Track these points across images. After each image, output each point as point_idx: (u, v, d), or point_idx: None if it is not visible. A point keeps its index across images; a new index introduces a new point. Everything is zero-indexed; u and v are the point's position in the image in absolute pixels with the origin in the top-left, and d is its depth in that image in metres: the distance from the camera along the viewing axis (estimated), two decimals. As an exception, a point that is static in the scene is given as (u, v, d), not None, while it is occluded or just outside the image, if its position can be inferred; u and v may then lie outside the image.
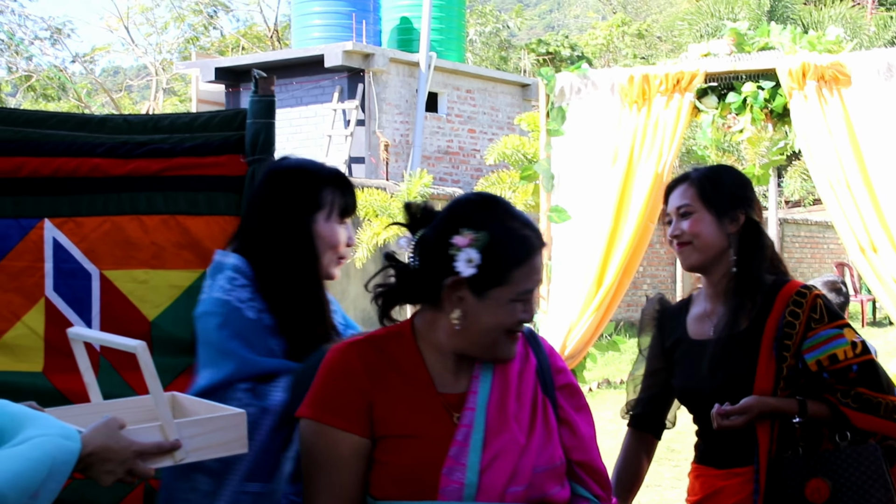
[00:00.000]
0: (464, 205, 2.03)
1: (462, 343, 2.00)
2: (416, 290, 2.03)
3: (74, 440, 1.80)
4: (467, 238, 1.94)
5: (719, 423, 2.61)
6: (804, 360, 2.63)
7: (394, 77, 17.07)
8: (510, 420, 2.00)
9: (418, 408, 1.99)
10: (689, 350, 2.81)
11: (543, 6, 70.64)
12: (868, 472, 2.55)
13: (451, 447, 1.95)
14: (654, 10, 43.59)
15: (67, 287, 2.82)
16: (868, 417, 2.60)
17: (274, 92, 2.92)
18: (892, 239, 4.24)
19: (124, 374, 2.79)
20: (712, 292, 2.81)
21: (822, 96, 4.41)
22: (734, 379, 2.66)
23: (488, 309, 1.97)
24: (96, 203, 2.84)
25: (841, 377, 2.61)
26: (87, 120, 2.92)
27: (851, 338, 2.64)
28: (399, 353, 2.03)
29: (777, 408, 2.61)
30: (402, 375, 2.01)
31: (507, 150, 11.69)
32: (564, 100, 5.00)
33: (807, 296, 2.67)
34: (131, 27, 30.61)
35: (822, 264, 22.82)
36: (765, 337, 2.66)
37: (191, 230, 2.89)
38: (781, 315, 2.66)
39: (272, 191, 2.48)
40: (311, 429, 2.00)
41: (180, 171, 2.88)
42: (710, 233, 2.74)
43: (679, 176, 2.88)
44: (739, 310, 2.70)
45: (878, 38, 20.65)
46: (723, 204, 2.75)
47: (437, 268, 1.97)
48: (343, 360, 2.01)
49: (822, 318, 2.65)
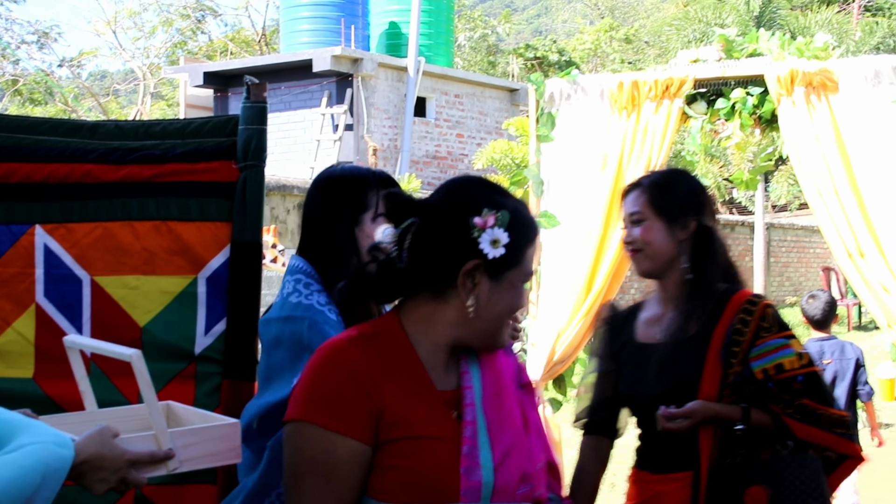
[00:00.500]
0: (471, 185, 1.94)
1: (467, 332, 1.91)
2: (410, 281, 1.90)
3: (68, 448, 1.80)
4: (491, 217, 1.85)
5: (663, 425, 2.60)
6: (751, 368, 2.63)
7: (382, 82, 17.08)
8: (509, 415, 1.95)
9: (424, 407, 1.87)
10: (635, 353, 2.80)
11: (531, 11, 70.83)
12: (807, 482, 2.56)
13: (464, 446, 1.85)
14: (641, 15, 43.74)
15: (58, 293, 2.82)
16: (810, 429, 2.62)
17: (266, 98, 2.93)
18: (878, 244, 4.26)
19: (115, 381, 2.78)
20: (664, 297, 2.82)
21: (810, 102, 4.44)
22: (680, 383, 2.65)
23: (504, 292, 1.89)
24: (88, 209, 2.84)
25: (785, 387, 2.62)
26: (79, 126, 2.91)
27: (798, 349, 2.66)
28: (396, 350, 1.90)
29: (721, 413, 2.60)
30: (405, 373, 1.88)
31: (496, 155, 11.75)
32: (554, 105, 5.02)
33: (757, 304, 2.68)
34: (119, 31, 30.55)
35: (809, 268, 22.91)
36: (713, 343, 2.66)
37: (182, 236, 2.88)
38: (731, 322, 2.66)
39: (322, 196, 2.59)
40: (306, 433, 1.81)
41: (172, 176, 2.88)
42: (660, 240, 2.74)
43: (632, 182, 2.88)
44: (690, 315, 2.70)
45: (864, 44, 20.76)
46: (673, 211, 2.75)
47: (453, 252, 1.86)
48: (345, 359, 1.85)
49: (770, 328, 2.66)
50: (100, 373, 2.77)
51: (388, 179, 2.64)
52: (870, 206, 4.30)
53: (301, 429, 1.82)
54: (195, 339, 2.89)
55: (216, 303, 2.90)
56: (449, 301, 1.89)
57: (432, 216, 1.89)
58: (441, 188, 1.96)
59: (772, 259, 21.35)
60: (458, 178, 1.98)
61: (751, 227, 20.60)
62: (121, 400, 2.70)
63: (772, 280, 21.20)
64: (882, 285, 4.23)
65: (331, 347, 1.89)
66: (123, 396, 2.73)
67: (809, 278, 22.86)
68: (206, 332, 2.90)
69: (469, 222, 1.85)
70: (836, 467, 2.69)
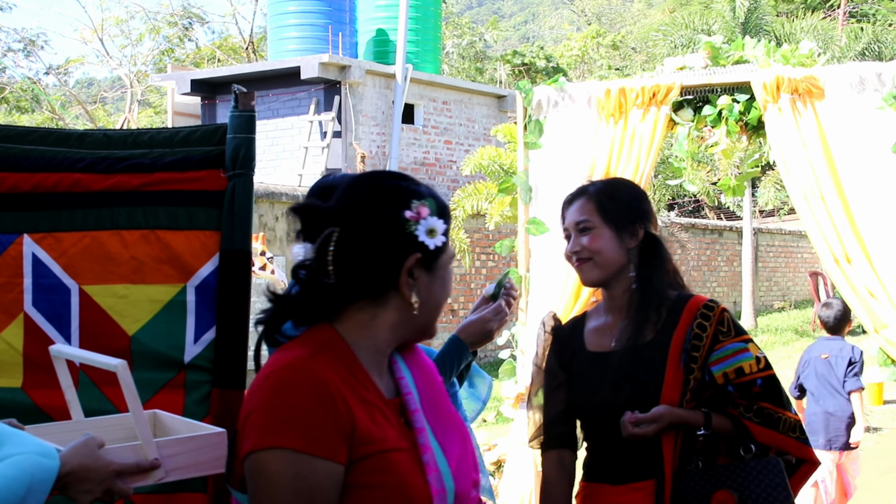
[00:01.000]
0: (387, 180, 1.85)
1: (409, 330, 1.85)
2: (343, 294, 1.79)
3: (53, 458, 1.79)
4: (423, 208, 1.79)
5: (630, 430, 2.56)
6: (711, 373, 2.64)
7: (370, 89, 17.08)
8: (449, 417, 1.89)
9: (382, 418, 1.78)
10: (587, 362, 2.77)
11: (518, 18, 70.97)
12: (772, 486, 2.57)
13: (424, 454, 1.79)
14: (628, 22, 43.93)
15: (46, 302, 2.81)
16: (769, 432, 2.63)
17: (254, 107, 2.93)
18: (865, 249, 4.29)
19: (104, 389, 2.77)
20: (612, 306, 2.79)
21: (796, 109, 4.46)
22: (641, 390, 2.63)
23: (439, 280, 1.84)
24: (76, 218, 2.84)
25: (745, 391, 2.64)
26: (68, 135, 2.91)
27: (755, 352, 2.68)
28: (346, 363, 1.79)
29: (685, 419, 2.60)
30: (361, 386, 1.78)
31: (484, 162, 11.75)
32: (542, 113, 5.03)
33: (714, 309, 2.69)
34: (106, 39, 30.52)
35: (797, 273, 23.01)
36: (672, 348, 2.65)
37: (171, 245, 2.88)
38: (689, 327, 2.66)
39: None
40: (281, 461, 1.67)
41: (161, 185, 2.88)
42: (610, 248, 2.71)
43: (576, 190, 2.83)
44: (643, 323, 2.69)
45: (849, 50, 20.87)
46: (621, 219, 2.73)
47: (391, 252, 1.77)
48: (309, 377, 1.72)
49: (729, 332, 2.67)
50: (88, 381, 2.77)
51: None
52: (856, 212, 4.33)
53: (272, 457, 1.67)
54: (184, 347, 2.89)
55: (205, 311, 2.90)
56: (389, 303, 1.81)
57: (355, 220, 1.78)
58: (349, 189, 1.84)
59: (760, 264, 21.43)
60: (366, 176, 1.88)
61: (739, 233, 20.69)
62: (110, 409, 2.69)
63: (760, 285, 21.28)
64: (868, 290, 4.25)
65: (287, 367, 1.74)
66: (112, 405, 2.72)
67: (797, 283, 22.96)
68: (195, 340, 2.90)
69: (402, 217, 1.78)
70: (796, 471, 2.70)
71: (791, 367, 13.79)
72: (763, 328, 17.86)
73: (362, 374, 1.80)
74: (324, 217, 1.79)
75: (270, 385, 1.72)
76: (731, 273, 21.06)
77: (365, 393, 1.77)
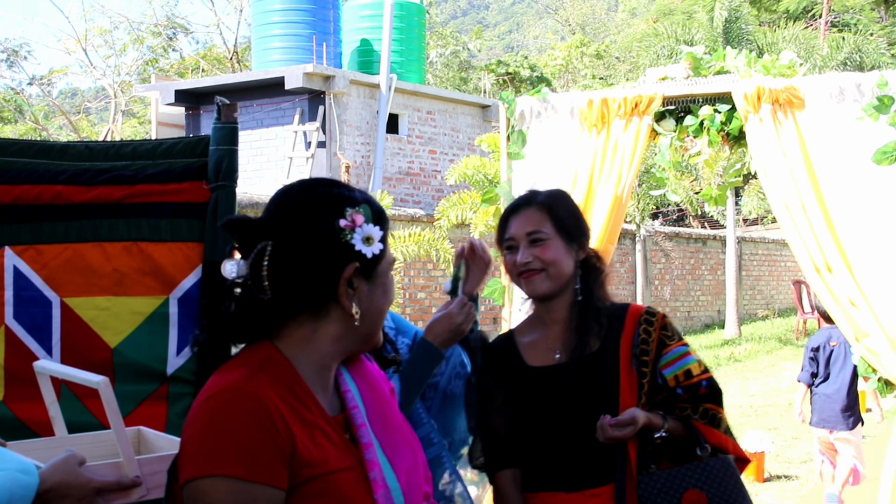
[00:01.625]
0: (317, 188, 1.79)
1: (352, 341, 1.80)
2: (281, 310, 1.74)
3: (32, 475, 1.79)
4: (357, 215, 1.74)
5: (610, 434, 2.55)
6: (663, 376, 2.67)
7: (354, 99, 17.09)
8: (398, 430, 1.84)
9: (324, 438, 1.72)
10: (532, 378, 2.73)
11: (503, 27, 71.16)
12: (732, 482, 2.60)
13: (370, 471, 1.73)
14: (612, 32, 44.12)
15: (27, 315, 2.81)
16: (714, 432, 2.68)
17: (237, 119, 2.93)
18: (845, 259, 4.31)
19: (87, 403, 2.77)
20: (551, 319, 2.76)
21: (777, 119, 4.49)
22: (599, 397, 2.63)
23: (379, 288, 1.80)
24: (58, 230, 2.83)
25: (693, 392, 2.68)
26: (49, 147, 2.91)
27: (696, 356, 2.73)
28: (286, 380, 1.72)
29: (651, 421, 2.61)
30: (301, 405, 1.71)
31: (468, 171, 11.76)
32: (525, 123, 5.05)
33: (656, 315, 2.73)
34: (89, 49, 30.40)
35: (780, 282, 23.11)
36: (622, 354, 2.67)
37: (153, 256, 2.88)
38: (635, 332, 2.69)
39: None
40: (220, 489, 1.60)
41: (143, 197, 2.88)
42: (562, 260, 2.69)
43: (520, 200, 2.79)
44: (587, 333, 2.69)
45: (831, 59, 21.00)
46: (573, 231, 2.73)
47: (328, 263, 1.72)
48: (246, 400, 1.65)
49: (672, 336, 2.72)
50: (70, 395, 2.76)
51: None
52: (836, 222, 4.35)
53: (211, 485, 1.60)
54: (167, 359, 2.89)
55: (188, 323, 2.90)
56: (330, 315, 1.76)
57: (289, 232, 1.73)
58: (281, 200, 1.78)
59: (743, 273, 21.52)
60: (295, 186, 1.81)
61: (722, 242, 20.77)
62: (92, 422, 2.68)
63: (744, 293, 21.36)
64: (849, 300, 4.27)
65: (225, 390, 1.67)
66: (95, 418, 2.72)
67: (781, 291, 23.06)
68: (177, 352, 2.90)
69: (336, 227, 1.73)
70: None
71: (775, 374, 13.87)
72: (747, 336, 17.93)
73: (304, 392, 1.74)
74: (256, 230, 1.74)
75: (207, 409, 1.66)
76: (715, 282, 21.13)
77: (306, 413, 1.71)
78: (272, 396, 1.67)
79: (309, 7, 17.52)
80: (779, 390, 12.63)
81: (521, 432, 2.74)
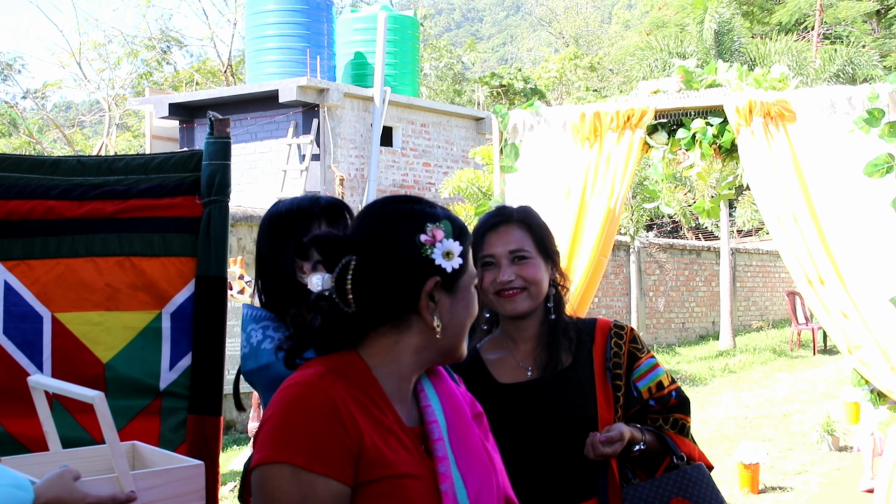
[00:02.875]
0: (400, 204, 1.85)
1: (433, 353, 1.84)
2: (365, 322, 1.80)
3: (27, 491, 1.78)
4: (437, 231, 1.79)
5: (601, 451, 2.54)
6: (637, 388, 2.70)
7: (348, 112, 17.12)
8: (474, 449, 1.86)
9: (398, 444, 1.77)
10: (505, 395, 2.69)
11: (496, 40, 71.34)
12: (710, 488, 2.63)
13: (442, 484, 1.76)
14: (605, 44, 44.27)
15: (17, 330, 2.80)
16: (685, 441, 2.72)
17: (230, 134, 2.94)
18: (838, 271, 4.32)
19: (78, 417, 2.76)
20: (521, 336, 2.73)
21: (769, 132, 4.51)
22: (578, 412, 2.63)
23: (461, 301, 1.84)
24: (50, 246, 2.83)
25: (664, 403, 2.71)
26: (41, 162, 2.90)
27: (664, 367, 2.76)
28: (364, 385, 1.79)
29: (633, 434, 2.61)
30: (377, 409, 1.77)
31: (462, 184, 11.81)
32: (518, 136, 5.06)
33: (624, 328, 2.75)
34: (83, 63, 30.42)
35: (774, 293, 23.14)
36: (596, 368, 2.68)
37: (146, 271, 2.88)
38: (606, 346, 2.71)
39: (266, 236, 2.62)
40: (282, 476, 1.67)
41: (136, 212, 2.88)
42: (543, 279, 2.68)
43: (495, 216, 2.74)
44: (558, 349, 2.69)
45: (823, 71, 21.07)
46: (549, 249, 2.72)
47: (410, 277, 1.78)
48: (319, 394, 1.72)
49: (642, 349, 2.74)
50: (62, 409, 2.75)
51: (335, 207, 2.63)
52: (828, 234, 4.37)
53: (275, 472, 1.68)
54: (160, 374, 2.88)
55: (181, 338, 2.89)
56: (412, 328, 1.81)
57: (371, 247, 1.79)
58: (367, 216, 1.85)
59: (738, 284, 21.54)
60: (379, 202, 1.88)
61: (716, 253, 20.79)
62: (83, 436, 2.68)
63: (738, 305, 21.38)
64: (842, 312, 4.28)
65: (300, 384, 1.75)
66: (86, 433, 2.71)
67: (775, 303, 23.09)
68: (171, 367, 2.89)
69: (417, 242, 1.78)
70: None
71: (770, 386, 13.88)
72: (741, 348, 17.94)
73: (381, 398, 1.79)
74: (340, 246, 1.79)
75: (283, 399, 1.74)
76: (710, 293, 21.15)
77: (381, 416, 1.77)
78: (344, 395, 1.73)
79: (303, 20, 17.57)
80: (774, 402, 12.63)
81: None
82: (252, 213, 12.16)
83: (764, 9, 32.50)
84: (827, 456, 9.12)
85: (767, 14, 32.17)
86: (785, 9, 30.70)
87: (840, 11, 30.31)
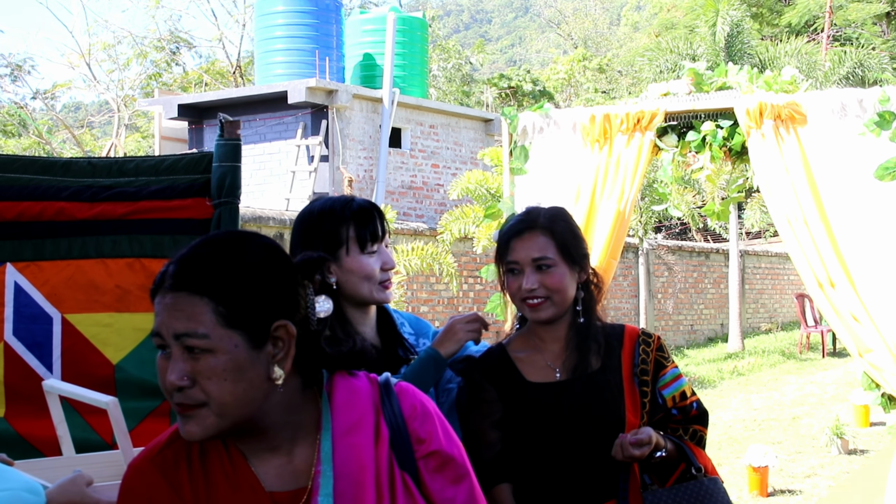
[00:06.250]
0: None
1: None
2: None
3: (39, 496, 1.78)
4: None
5: (630, 452, 2.53)
6: (663, 396, 2.71)
7: (357, 113, 17.13)
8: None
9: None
10: (534, 393, 2.68)
11: (505, 41, 71.33)
12: (725, 501, 2.65)
13: None
14: (614, 45, 44.21)
15: (27, 332, 2.80)
16: (702, 453, 2.73)
17: (240, 136, 2.94)
18: (848, 274, 4.31)
19: (88, 419, 2.77)
20: (550, 338, 2.73)
21: (779, 135, 4.50)
22: (605, 415, 2.63)
23: None
24: (60, 247, 2.83)
25: (686, 413, 2.72)
26: (52, 163, 2.91)
27: (686, 378, 2.76)
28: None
29: (658, 440, 2.60)
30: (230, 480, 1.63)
31: (471, 185, 11.79)
32: (527, 139, 5.05)
33: (651, 336, 2.75)
34: (93, 63, 30.46)
35: (783, 295, 23.08)
36: (624, 372, 2.69)
37: (156, 273, 2.87)
38: (634, 352, 2.71)
39: (298, 237, 2.58)
40: None
41: (146, 214, 2.88)
42: (567, 286, 2.66)
43: (521, 221, 2.71)
44: (588, 352, 2.68)
45: (833, 74, 21.01)
46: (575, 255, 2.70)
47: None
48: (140, 485, 1.61)
49: (668, 359, 2.75)
50: (72, 411, 2.75)
51: (366, 211, 2.59)
52: (839, 237, 4.35)
53: None
54: (169, 375, 2.88)
55: (190, 339, 2.89)
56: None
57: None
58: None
59: (746, 286, 21.50)
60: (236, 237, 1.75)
61: (725, 255, 20.76)
62: (94, 438, 2.68)
63: (747, 307, 21.34)
64: (852, 314, 4.27)
65: (130, 470, 1.65)
66: (97, 434, 2.72)
67: (784, 305, 23.04)
68: (180, 368, 2.89)
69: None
70: None
71: (778, 388, 13.84)
72: (750, 350, 17.89)
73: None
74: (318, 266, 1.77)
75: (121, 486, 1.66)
76: (718, 295, 21.12)
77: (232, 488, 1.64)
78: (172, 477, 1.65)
79: (312, 22, 17.59)
80: (782, 404, 12.59)
81: (521, 448, 2.69)
82: (261, 214, 12.17)
83: (773, 10, 32.44)
84: (836, 459, 9.09)
85: (777, 16, 32.10)
86: (794, 10, 30.63)
87: (850, 13, 30.23)
